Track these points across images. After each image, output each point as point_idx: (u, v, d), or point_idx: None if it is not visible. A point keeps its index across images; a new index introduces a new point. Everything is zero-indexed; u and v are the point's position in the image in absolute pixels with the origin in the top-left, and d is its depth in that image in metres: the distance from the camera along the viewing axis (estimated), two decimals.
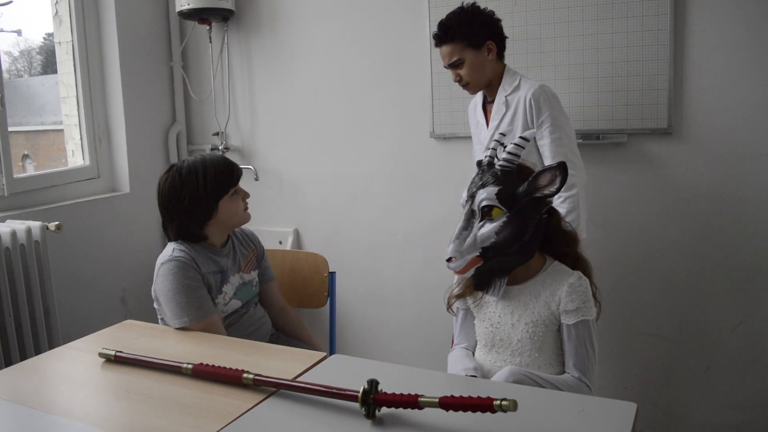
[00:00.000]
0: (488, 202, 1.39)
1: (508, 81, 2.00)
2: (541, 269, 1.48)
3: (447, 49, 1.95)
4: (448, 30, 1.94)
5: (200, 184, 1.69)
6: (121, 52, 2.77)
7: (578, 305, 1.42)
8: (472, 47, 1.93)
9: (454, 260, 1.41)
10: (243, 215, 1.80)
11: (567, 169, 1.34)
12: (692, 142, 2.17)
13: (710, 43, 2.10)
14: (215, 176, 1.71)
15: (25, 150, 2.90)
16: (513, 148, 1.41)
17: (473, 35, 1.92)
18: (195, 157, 1.75)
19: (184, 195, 1.69)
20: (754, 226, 2.13)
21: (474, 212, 1.42)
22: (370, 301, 2.83)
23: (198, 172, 1.70)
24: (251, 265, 1.87)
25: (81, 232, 2.60)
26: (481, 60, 1.95)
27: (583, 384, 1.41)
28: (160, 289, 1.66)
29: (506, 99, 1.98)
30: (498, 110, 2.00)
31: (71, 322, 2.44)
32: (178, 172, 1.71)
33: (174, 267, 1.65)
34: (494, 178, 1.41)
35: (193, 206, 1.70)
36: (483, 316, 1.52)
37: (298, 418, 1.11)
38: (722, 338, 2.22)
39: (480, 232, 1.40)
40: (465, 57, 1.94)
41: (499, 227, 1.39)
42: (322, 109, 2.81)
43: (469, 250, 1.40)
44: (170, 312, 1.64)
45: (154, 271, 1.70)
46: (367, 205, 2.78)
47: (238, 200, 1.77)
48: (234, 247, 1.83)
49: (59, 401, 1.23)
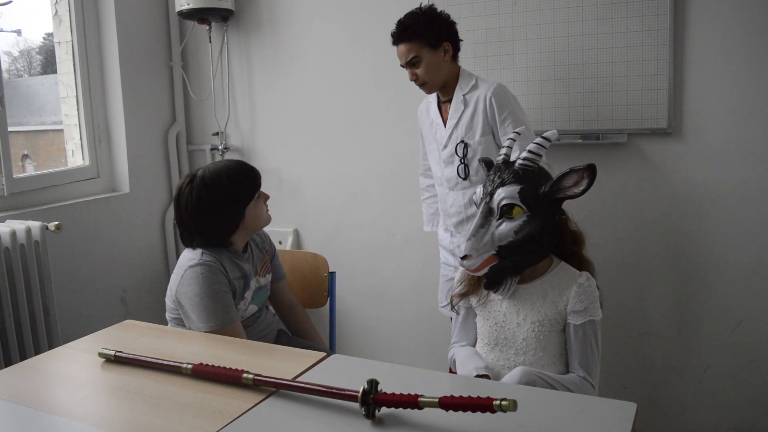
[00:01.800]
0: (510, 200, 1.38)
1: (465, 81, 2.05)
2: (548, 269, 1.49)
3: (404, 47, 2.00)
4: (407, 29, 1.98)
5: (228, 192, 1.67)
6: (120, 52, 2.77)
7: (586, 305, 1.42)
8: (429, 47, 1.98)
9: (470, 258, 1.39)
10: (266, 217, 1.80)
11: (595, 171, 1.35)
12: (692, 142, 2.17)
13: (710, 43, 2.10)
14: (242, 182, 1.71)
15: (25, 150, 2.90)
16: (535, 147, 1.41)
17: (431, 35, 1.97)
18: (215, 164, 1.73)
19: (213, 204, 1.66)
20: (754, 226, 2.13)
21: (492, 210, 1.41)
22: (370, 301, 2.83)
23: (223, 180, 1.67)
24: (266, 268, 1.86)
25: (81, 232, 2.60)
26: (437, 60, 2.00)
27: (588, 383, 1.42)
28: (186, 292, 1.63)
29: (464, 97, 2.03)
30: (456, 108, 2.05)
31: (71, 322, 2.44)
32: (202, 182, 1.67)
33: (204, 271, 1.62)
34: (515, 176, 1.40)
35: (223, 214, 1.67)
36: (487, 315, 1.52)
37: (298, 418, 1.11)
38: (722, 338, 2.22)
39: (498, 231, 1.39)
40: (422, 56, 1.99)
41: (519, 226, 1.38)
42: (322, 108, 2.81)
43: (486, 249, 1.39)
44: (196, 316, 1.62)
45: (176, 272, 1.67)
46: (367, 205, 2.78)
47: (261, 203, 1.77)
48: (252, 252, 1.82)
49: (59, 401, 1.23)
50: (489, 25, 2.36)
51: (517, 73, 2.35)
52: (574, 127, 2.29)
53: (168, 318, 1.77)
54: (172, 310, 1.73)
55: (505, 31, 2.34)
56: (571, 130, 2.30)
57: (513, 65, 2.35)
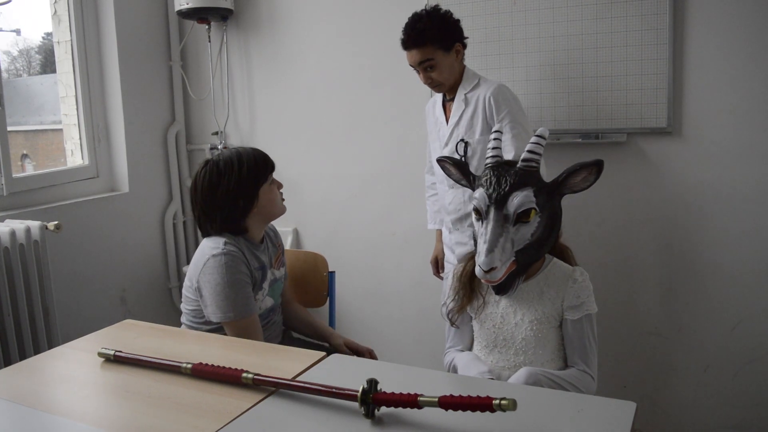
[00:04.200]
0: (528, 205, 1.37)
1: (468, 80, 2.08)
2: (541, 267, 1.49)
3: (418, 51, 2.00)
4: (421, 33, 1.98)
5: (242, 172, 1.71)
6: (120, 51, 2.77)
7: (582, 300, 1.44)
8: (443, 50, 2.00)
9: (495, 270, 1.36)
10: (281, 205, 1.82)
11: (603, 166, 1.36)
12: (692, 142, 2.17)
13: (710, 43, 2.10)
14: (254, 163, 1.74)
15: (24, 149, 2.90)
16: (534, 146, 1.40)
17: (444, 38, 1.99)
18: (228, 150, 1.77)
19: (225, 184, 1.70)
20: (754, 225, 2.13)
21: (507, 217, 1.38)
22: (370, 301, 2.83)
23: (234, 161, 1.72)
24: (279, 261, 1.88)
25: (80, 231, 2.60)
26: (451, 62, 2.03)
27: (588, 375, 1.43)
28: (209, 281, 1.65)
29: (466, 96, 2.05)
30: (458, 107, 2.07)
31: (70, 322, 2.44)
32: (215, 165, 1.72)
33: (227, 260, 1.64)
34: (521, 179, 1.39)
35: (235, 195, 1.70)
36: (485, 318, 1.52)
37: (298, 417, 1.11)
38: (721, 338, 2.22)
39: (517, 237, 1.38)
40: (436, 59, 2.00)
41: (534, 228, 1.39)
42: (321, 108, 2.81)
43: (508, 257, 1.38)
44: (215, 305, 1.64)
45: (197, 261, 1.69)
46: (367, 204, 2.78)
47: (275, 189, 1.80)
48: (267, 244, 1.84)
49: (59, 401, 1.23)
50: (489, 25, 2.36)
51: (516, 72, 2.35)
52: (574, 127, 2.29)
53: (183, 309, 1.77)
54: (190, 301, 1.73)
55: (504, 30, 2.34)
56: (570, 130, 2.30)
57: (513, 65, 2.35)
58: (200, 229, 1.78)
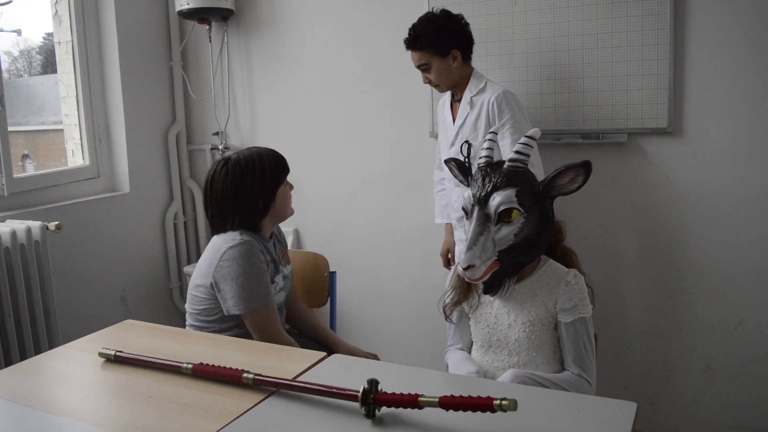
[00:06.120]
0: (508, 205, 1.37)
1: (474, 83, 2.11)
2: (535, 269, 1.48)
3: (415, 54, 2.09)
4: (416, 38, 2.05)
5: (265, 171, 1.72)
6: (120, 51, 2.77)
7: (575, 303, 1.42)
8: (438, 55, 2.05)
9: (473, 268, 1.37)
10: (291, 208, 1.84)
11: (591, 167, 1.35)
12: (692, 142, 2.17)
13: (710, 43, 2.10)
14: (274, 163, 1.75)
15: (25, 150, 2.90)
16: (522, 147, 1.40)
17: (439, 45, 2.04)
18: (247, 150, 1.78)
19: (249, 183, 1.70)
20: (754, 225, 2.13)
21: (489, 216, 1.38)
22: (371, 301, 2.83)
23: (256, 162, 1.73)
24: (286, 258, 1.90)
25: (81, 231, 2.60)
26: (447, 67, 2.07)
27: (584, 380, 1.41)
28: (228, 272, 1.64)
29: (471, 99, 2.10)
30: (464, 109, 2.12)
31: (71, 322, 2.44)
32: (237, 164, 1.72)
33: (245, 251, 1.65)
34: (507, 179, 1.39)
35: (257, 194, 1.71)
36: (479, 318, 1.52)
37: (298, 417, 1.11)
38: (722, 338, 2.22)
39: (498, 236, 1.38)
40: (431, 63, 2.06)
41: (518, 229, 1.38)
42: (321, 108, 2.81)
43: (488, 256, 1.38)
44: (237, 296, 1.64)
45: (210, 258, 1.68)
46: (367, 204, 2.78)
47: (288, 191, 1.81)
48: (275, 241, 1.85)
49: (59, 401, 1.23)
50: (489, 25, 2.36)
51: (517, 73, 2.35)
52: (574, 127, 2.29)
53: (190, 310, 1.76)
54: (200, 300, 1.72)
55: (505, 31, 2.34)
56: (571, 130, 2.30)
57: (513, 65, 2.35)
58: (213, 227, 1.77)
